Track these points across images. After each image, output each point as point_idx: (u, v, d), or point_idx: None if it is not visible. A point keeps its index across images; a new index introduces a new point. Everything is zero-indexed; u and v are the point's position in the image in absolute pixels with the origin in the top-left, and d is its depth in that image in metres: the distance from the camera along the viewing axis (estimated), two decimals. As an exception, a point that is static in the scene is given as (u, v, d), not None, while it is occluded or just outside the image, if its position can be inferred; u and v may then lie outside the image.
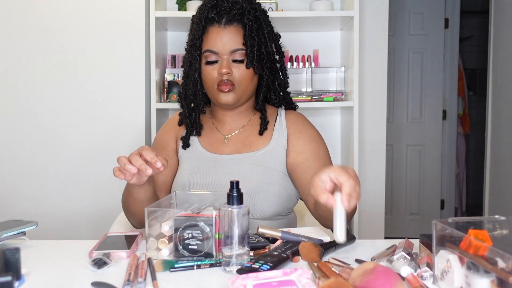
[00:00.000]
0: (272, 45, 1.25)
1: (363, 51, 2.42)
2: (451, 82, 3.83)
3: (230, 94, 1.18)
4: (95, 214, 2.13)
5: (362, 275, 0.67)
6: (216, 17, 1.17)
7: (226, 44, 1.17)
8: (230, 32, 1.17)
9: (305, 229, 1.04)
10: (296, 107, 1.36)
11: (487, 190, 2.82)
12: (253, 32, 1.18)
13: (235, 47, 1.17)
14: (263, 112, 1.26)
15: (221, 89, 1.17)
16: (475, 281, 0.66)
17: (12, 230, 0.97)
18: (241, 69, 1.18)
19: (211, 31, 1.18)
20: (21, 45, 2.11)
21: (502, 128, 2.67)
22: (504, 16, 2.67)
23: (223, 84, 1.17)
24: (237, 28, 1.18)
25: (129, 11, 2.12)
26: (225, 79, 1.17)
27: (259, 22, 1.21)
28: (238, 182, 0.84)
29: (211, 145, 1.26)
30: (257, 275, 0.73)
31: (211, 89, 1.20)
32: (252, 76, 1.21)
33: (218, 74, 1.17)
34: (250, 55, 1.17)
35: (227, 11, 1.17)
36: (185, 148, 1.27)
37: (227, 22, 1.18)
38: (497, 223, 0.78)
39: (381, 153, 2.50)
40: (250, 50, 1.17)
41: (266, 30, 1.23)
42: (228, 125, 1.28)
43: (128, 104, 2.14)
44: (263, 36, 1.21)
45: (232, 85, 1.18)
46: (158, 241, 0.89)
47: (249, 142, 1.25)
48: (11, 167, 2.13)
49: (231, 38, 1.17)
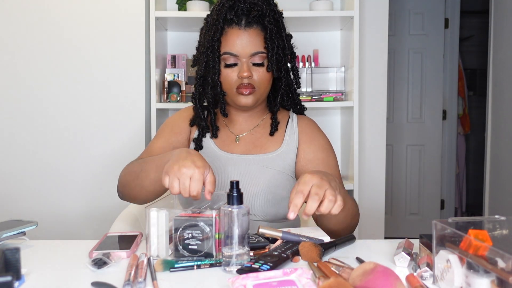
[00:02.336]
0: (290, 48, 1.24)
1: (363, 51, 2.42)
2: (451, 82, 3.83)
3: (250, 96, 1.18)
4: (95, 214, 2.13)
5: (362, 275, 0.67)
6: (235, 19, 1.15)
7: (246, 47, 1.15)
8: (250, 34, 1.15)
9: (305, 229, 1.04)
10: (305, 109, 1.36)
11: (487, 190, 2.82)
12: (273, 35, 1.16)
13: (256, 50, 1.15)
14: (275, 114, 1.26)
15: (241, 92, 1.16)
16: (475, 281, 0.66)
17: (12, 230, 0.97)
18: (260, 72, 1.17)
19: (230, 33, 1.16)
20: (21, 45, 2.11)
21: (502, 128, 2.67)
22: (504, 16, 2.67)
23: (243, 87, 1.16)
24: (257, 30, 1.16)
25: (129, 11, 2.12)
26: (245, 82, 1.16)
27: (278, 25, 1.19)
28: (238, 182, 0.84)
29: (223, 143, 1.26)
30: (257, 275, 0.73)
31: (230, 92, 1.19)
32: (270, 78, 1.20)
33: (238, 77, 1.16)
34: (272, 58, 1.16)
35: (246, 12, 1.15)
36: (198, 150, 1.25)
37: (247, 24, 1.15)
38: (497, 223, 0.78)
39: (381, 153, 2.50)
40: (271, 54, 1.16)
41: (284, 32, 1.22)
42: (240, 125, 1.28)
43: (128, 104, 2.14)
44: (282, 39, 1.20)
45: (252, 88, 1.17)
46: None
47: (260, 144, 1.25)
48: (11, 167, 2.13)
49: (251, 41, 1.15)
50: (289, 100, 1.31)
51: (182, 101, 2.22)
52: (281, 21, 1.21)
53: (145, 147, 2.12)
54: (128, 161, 2.14)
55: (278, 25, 1.19)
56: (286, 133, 1.26)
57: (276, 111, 1.27)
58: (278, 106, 1.27)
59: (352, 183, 2.22)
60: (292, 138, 1.26)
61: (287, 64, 1.25)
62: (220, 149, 1.25)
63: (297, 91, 1.35)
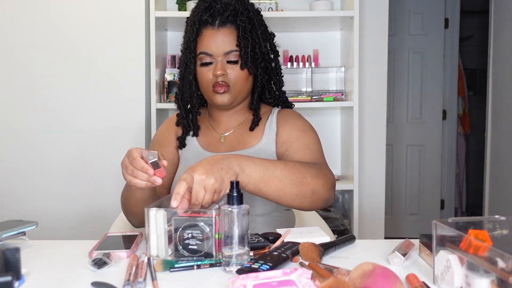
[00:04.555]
0: (266, 45, 1.26)
1: (363, 51, 2.42)
2: (451, 82, 3.83)
3: (226, 95, 1.19)
4: (95, 214, 2.13)
5: (361, 277, 0.67)
6: (210, 19, 1.18)
7: (220, 46, 1.18)
8: (223, 33, 1.18)
9: (306, 229, 1.04)
10: (292, 106, 1.36)
11: (487, 190, 2.82)
12: (246, 33, 1.18)
13: (229, 48, 1.18)
14: (257, 111, 1.27)
15: (216, 90, 1.18)
16: (475, 281, 0.66)
17: (12, 230, 0.97)
18: (235, 70, 1.19)
19: (205, 33, 1.19)
20: (21, 45, 2.11)
21: (502, 128, 2.67)
22: (504, 16, 2.67)
23: (218, 85, 1.18)
24: (231, 29, 1.19)
25: (129, 11, 2.12)
26: (220, 81, 1.18)
27: (252, 23, 1.21)
28: (238, 182, 0.84)
29: (208, 144, 1.28)
30: (257, 275, 0.73)
31: (207, 91, 1.21)
32: (247, 76, 1.21)
33: (213, 75, 1.18)
34: (244, 56, 1.18)
35: (221, 12, 1.18)
36: (181, 148, 1.28)
37: (220, 24, 1.18)
38: (497, 223, 0.78)
39: (381, 153, 2.50)
40: (244, 51, 1.18)
41: (260, 30, 1.23)
42: (224, 124, 1.30)
43: (128, 104, 2.14)
44: (257, 37, 1.21)
45: (227, 86, 1.18)
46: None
47: (243, 140, 1.26)
48: (12, 167, 2.13)
49: (224, 39, 1.18)
50: (272, 97, 1.32)
51: (182, 101, 2.22)
52: (256, 19, 1.23)
53: (145, 147, 2.12)
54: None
55: (252, 23, 1.21)
56: (266, 126, 1.27)
57: (254, 108, 1.27)
58: (255, 103, 1.27)
59: (352, 183, 2.22)
60: (271, 129, 1.26)
61: (266, 61, 1.25)
62: (205, 149, 1.27)
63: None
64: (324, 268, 0.79)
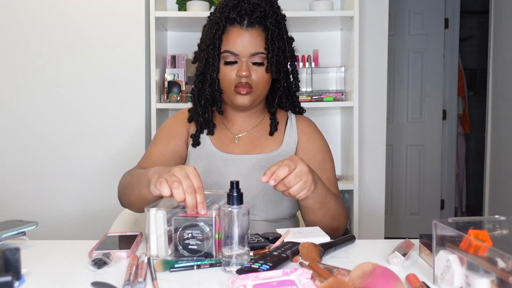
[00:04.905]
0: (291, 50, 1.25)
1: (363, 51, 2.42)
2: (451, 82, 3.83)
3: (247, 96, 1.18)
4: (95, 214, 2.13)
5: (361, 277, 0.67)
6: (238, 18, 1.16)
7: (247, 47, 1.16)
8: (251, 34, 1.16)
9: (306, 229, 1.04)
10: (304, 111, 1.36)
11: (487, 190, 2.82)
12: (274, 37, 1.17)
13: (256, 50, 1.16)
14: (275, 114, 1.27)
15: (239, 91, 1.17)
16: (475, 281, 0.66)
17: (12, 230, 0.97)
18: (259, 72, 1.18)
19: (232, 32, 1.17)
20: (21, 45, 2.11)
21: (502, 128, 2.67)
22: (504, 16, 2.67)
23: (241, 86, 1.17)
24: (259, 31, 1.17)
25: (129, 11, 2.12)
26: (243, 82, 1.16)
27: (280, 26, 1.20)
28: (238, 182, 0.84)
29: (222, 144, 1.26)
30: (257, 275, 0.73)
31: (228, 90, 1.19)
32: (269, 79, 1.21)
33: (237, 76, 1.17)
34: (271, 59, 1.17)
35: (249, 12, 1.16)
36: (195, 146, 1.25)
37: (249, 24, 1.16)
38: (497, 223, 0.78)
39: (381, 153, 2.50)
40: (271, 55, 1.17)
41: (286, 35, 1.22)
42: (239, 125, 1.28)
43: (128, 104, 2.14)
44: (283, 41, 1.20)
45: (250, 87, 1.17)
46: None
47: (260, 144, 1.25)
48: (11, 168, 2.13)
49: (252, 41, 1.16)
50: (288, 101, 1.31)
51: (182, 101, 2.22)
52: (283, 24, 1.22)
53: (145, 146, 2.12)
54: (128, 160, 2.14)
55: (280, 27, 1.20)
56: (286, 133, 1.27)
57: (274, 112, 1.27)
58: (275, 107, 1.27)
59: (352, 183, 2.22)
60: (292, 138, 1.26)
61: (286, 66, 1.25)
62: (219, 149, 1.25)
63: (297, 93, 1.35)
64: (324, 268, 0.79)
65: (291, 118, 1.30)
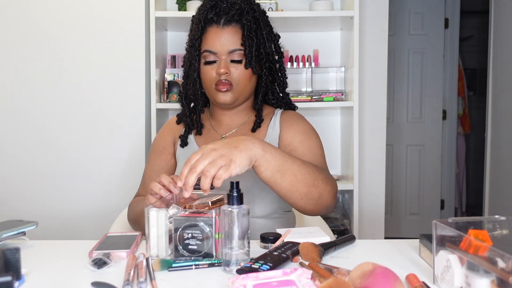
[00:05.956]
0: (271, 46, 1.26)
1: (363, 51, 2.42)
2: (451, 82, 3.83)
3: (228, 93, 1.19)
4: (95, 214, 2.13)
5: (361, 277, 0.67)
6: (215, 18, 1.18)
7: (224, 44, 1.18)
8: (228, 32, 1.18)
9: (306, 229, 1.04)
10: (296, 108, 1.36)
11: (487, 190, 2.82)
12: (251, 33, 1.18)
13: (233, 47, 1.18)
14: (259, 112, 1.27)
15: (219, 88, 1.19)
16: (475, 281, 0.66)
17: (12, 230, 0.97)
18: (239, 69, 1.19)
19: (210, 32, 1.19)
20: (21, 45, 2.11)
21: (502, 128, 2.67)
22: (504, 16, 2.67)
23: (221, 84, 1.18)
24: (236, 28, 1.19)
25: (129, 11, 2.12)
26: (223, 79, 1.18)
27: (258, 23, 1.21)
28: (238, 182, 0.84)
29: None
30: (257, 275, 0.73)
31: (209, 89, 1.22)
32: (251, 76, 1.21)
33: (216, 74, 1.18)
34: (249, 55, 1.18)
35: (226, 11, 1.18)
36: (183, 147, 1.28)
37: (225, 23, 1.18)
38: (497, 223, 0.78)
39: (381, 153, 2.50)
40: (249, 50, 1.18)
41: (265, 30, 1.23)
42: (226, 124, 1.29)
43: (128, 104, 2.14)
44: (262, 37, 1.21)
45: (230, 85, 1.19)
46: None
47: None
48: (11, 167, 2.13)
49: (229, 38, 1.18)
50: (275, 98, 1.32)
51: (182, 101, 2.22)
52: (262, 19, 1.23)
53: (145, 147, 2.13)
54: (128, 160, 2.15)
55: (257, 23, 1.21)
56: (269, 127, 1.26)
57: (257, 109, 1.27)
58: (259, 104, 1.27)
59: (352, 183, 2.22)
60: (274, 130, 1.25)
61: (270, 62, 1.25)
62: None
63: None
64: (324, 268, 0.79)
65: (277, 114, 1.29)
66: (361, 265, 0.70)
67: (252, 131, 1.25)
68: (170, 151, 1.31)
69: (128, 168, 2.12)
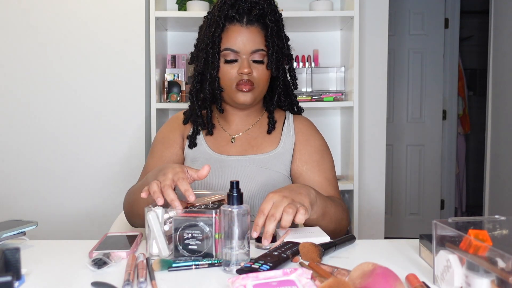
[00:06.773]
0: (289, 47, 1.26)
1: (363, 51, 2.42)
2: (451, 82, 3.83)
3: (249, 94, 1.18)
4: (95, 214, 2.13)
5: (361, 277, 0.67)
6: (237, 16, 1.17)
7: (247, 44, 1.16)
8: (251, 32, 1.17)
9: (306, 229, 1.04)
10: (302, 110, 1.36)
11: (487, 190, 2.82)
12: (274, 34, 1.18)
13: (256, 47, 1.17)
14: (272, 113, 1.27)
15: (241, 88, 1.17)
16: (475, 281, 0.66)
17: (12, 230, 0.97)
18: (260, 69, 1.18)
19: (231, 30, 1.17)
20: (20, 45, 2.11)
21: (502, 128, 2.67)
22: (504, 16, 2.67)
23: (243, 83, 1.17)
24: (258, 28, 1.18)
25: (129, 11, 2.12)
26: (245, 79, 1.17)
27: (278, 25, 1.21)
28: (238, 182, 0.84)
29: (218, 145, 1.26)
30: (257, 275, 0.73)
31: (229, 88, 1.19)
32: (269, 77, 1.21)
33: (238, 73, 1.17)
34: (272, 56, 1.17)
35: (247, 11, 1.17)
36: (192, 148, 1.25)
37: (248, 22, 1.17)
38: (497, 223, 0.78)
39: (381, 153, 2.50)
40: (272, 52, 1.17)
41: (283, 33, 1.23)
42: (236, 125, 1.28)
43: (128, 104, 2.14)
44: (281, 39, 1.21)
45: (252, 84, 1.17)
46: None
47: (257, 144, 1.25)
48: (11, 167, 2.13)
49: (252, 38, 1.17)
50: (286, 100, 1.32)
51: (182, 101, 2.22)
52: (281, 22, 1.23)
53: (145, 147, 2.12)
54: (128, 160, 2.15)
55: (278, 25, 1.21)
56: (283, 133, 1.26)
57: (273, 110, 1.28)
58: (274, 105, 1.27)
59: (352, 183, 2.22)
60: (289, 138, 1.26)
61: (284, 64, 1.25)
62: (214, 151, 1.24)
63: (296, 92, 1.35)
64: (324, 268, 0.79)
65: (289, 118, 1.30)
66: (361, 265, 0.70)
67: (268, 133, 1.26)
68: (180, 146, 1.27)
69: (128, 168, 2.12)
